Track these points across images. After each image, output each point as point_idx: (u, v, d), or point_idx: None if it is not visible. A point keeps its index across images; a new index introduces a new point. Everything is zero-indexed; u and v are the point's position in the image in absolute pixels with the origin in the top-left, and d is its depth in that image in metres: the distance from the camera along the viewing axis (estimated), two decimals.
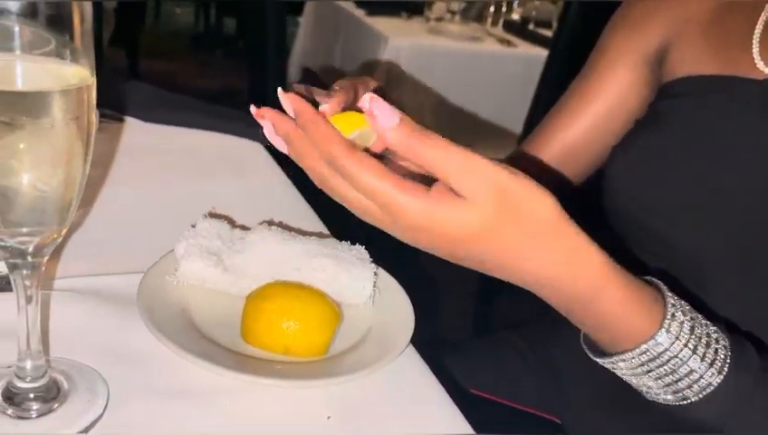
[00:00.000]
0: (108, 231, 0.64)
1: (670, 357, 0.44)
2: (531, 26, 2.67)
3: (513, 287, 0.43)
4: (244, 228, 0.62)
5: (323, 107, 0.50)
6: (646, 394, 0.48)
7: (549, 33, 2.50)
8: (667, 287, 0.46)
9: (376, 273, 0.58)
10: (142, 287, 0.53)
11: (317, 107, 0.45)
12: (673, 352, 0.44)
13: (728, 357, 0.45)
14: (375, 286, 0.57)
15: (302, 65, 3.19)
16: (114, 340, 0.50)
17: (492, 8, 2.60)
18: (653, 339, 0.44)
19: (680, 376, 0.45)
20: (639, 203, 0.63)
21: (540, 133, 0.77)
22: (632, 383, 0.48)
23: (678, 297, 0.46)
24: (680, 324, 0.44)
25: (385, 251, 0.59)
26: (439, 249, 0.41)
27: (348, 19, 2.66)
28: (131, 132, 0.88)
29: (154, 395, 0.46)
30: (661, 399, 0.47)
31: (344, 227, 0.62)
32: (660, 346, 0.44)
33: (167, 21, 5.19)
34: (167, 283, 0.55)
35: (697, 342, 0.44)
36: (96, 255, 0.60)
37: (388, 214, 0.39)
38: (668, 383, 0.45)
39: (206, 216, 0.61)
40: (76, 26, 0.37)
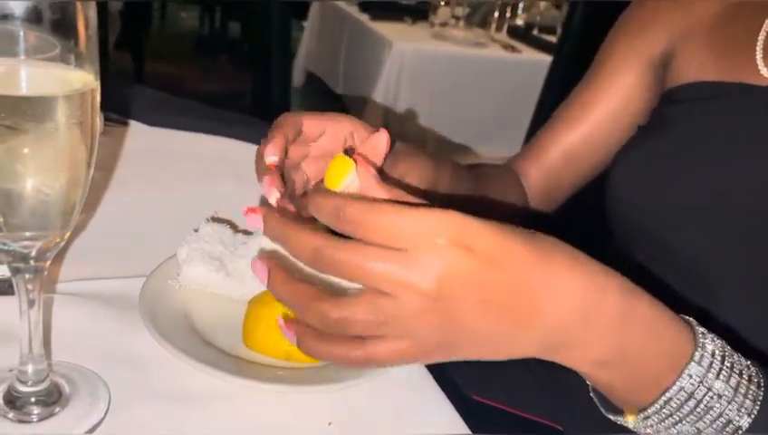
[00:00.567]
0: (111, 235, 0.65)
1: (704, 393, 0.39)
2: (535, 32, 2.67)
3: None
4: (247, 233, 0.62)
5: (269, 159, 0.51)
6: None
7: (553, 38, 2.50)
8: (695, 322, 0.42)
9: None
10: (144, 291, 0.53)
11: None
12: (706, 386, 0.39)
13: (758, 397, 0.40)
14: None
15: (306, 69, 3.20)
16: (116, 344, 0.50)
17: (496, 14, 2.61)
18: (687, 368, 0.39)
19: (714, 417, 0.40)
20: (642, 208, 0.63)
21: (542, 137, 0.77)
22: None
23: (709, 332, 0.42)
24: (711, 355, 0.40)
25: None
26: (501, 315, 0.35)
27: (352, 24, 2.67)
28: (135, 136, 0.88)
29: (155, 399, 0.45)
30: None
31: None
32: (694, 379, 0.39)
33: (172, 24, 5.22)
34: (169, 287, 0.55)
35: (729, 374, 0.40)
36: (99, 258, 0.60)
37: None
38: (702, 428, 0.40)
39: (208, 220, 0.61)
40: (80, 31, 0.37)
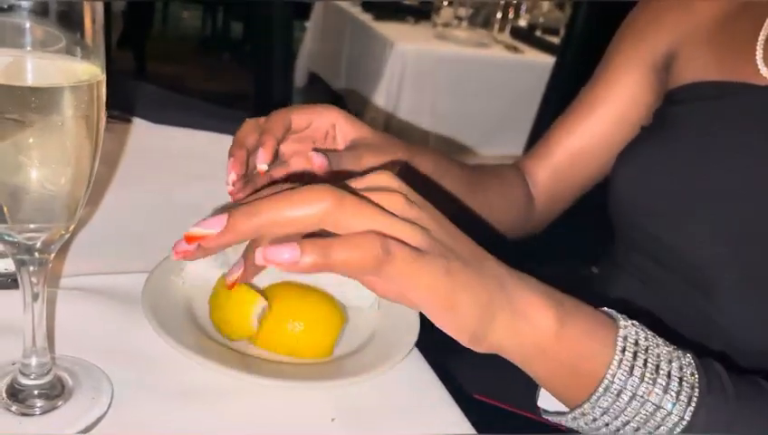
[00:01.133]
0: (114, 231, 0.64)
1: (630, 397, 0.40)
2: (538, 33, 2.67)
3: None
4: None
5: (260, 166, 0.52)
6: None
7: (556, 39, 2.50)
8: (621, 316, 0.42)
9: None
10: (147, 287, 0.53)
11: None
12: (631, 391, 0.40)
13: (695, 387, 0.41)
14: None
15: (309, 69, 3.20)
16: (119, 339, 0.50)
17: (499, 14, 2.61)
18: (605, 378, 0.40)
19: (647, 415, 0.40)
20: (645, 208, 0.63)
21: (548, 138, 0.77)
22: (604, 434, 0.42)
23: (634, 323, 0.42)
24: (633, 356, 0.40)
25: None
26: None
27: (354, 24, 2.67)
28: (139, 133, 0.88)
29: (158, 394, 0.45)
30: None
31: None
32: (615, 386, 0.40)
33: (174, 25, 5.22)
34: (172, 283, 0.55)
35: (655, 373, 0.40)
36: (102, 254, 0.60)
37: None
38: (637, 428, 0.41)
39: None
40: (87, 24, 0.37)
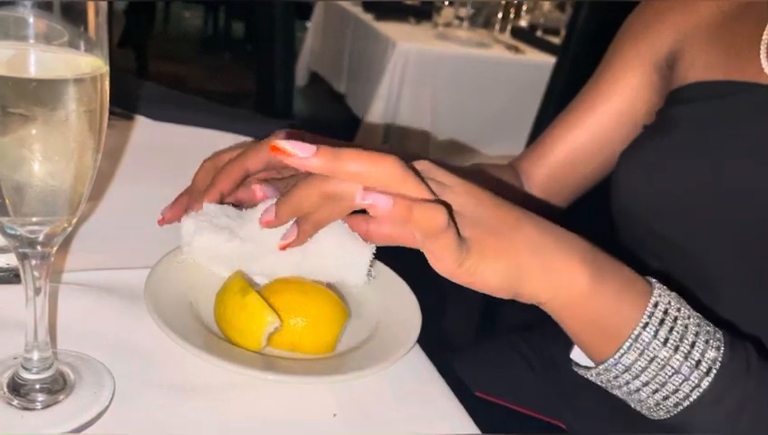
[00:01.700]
0: (116, 226, 0.64)
1: (651, 358, 0.43)
2: (539, 33, 2.67)
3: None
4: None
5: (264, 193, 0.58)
6: (646, 411, 0.47)
7: (557, 40, 2.50)
8: (660, 285, 0.45)
9: (374, 254, 0.55)
10: (149, 282, 0.53)
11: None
12: (651, 354, 0.43)
13: (717, 360, 0.44)
14: (372, 266, 0.55)
15: (310, 69, 3.20)
16: (121, 334, 0.50)
17: (500, 15, 2.61)
18: (629, 340, 0.43)
19: (665, 378, 0.44)
20: (648, 206, 0.63)
21: (546, 137, 0.78)
22: (625, 397, 0.47)
23: (672, 294, 0.45)
24: (659, 322, 0.43)
25: (392, 253, 0.59)
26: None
27: (356, 23, 2.67)
28: (141, 130, 0.88)
29: (159, 389, 0.45)
30: (662, 413, 0.46)
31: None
32: (638, 345, 0.43)
33: (176, 24, 5.23)
34: (174, 277, 0.55)
35: (678, 341, 0.43)
36: (104, 250, 0.60)
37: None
38: (656, 389, 0.44)
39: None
40: (90, 17, 0.37)
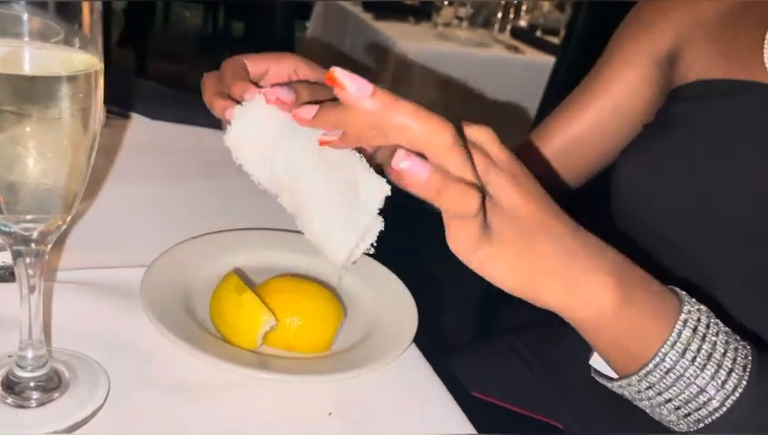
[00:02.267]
0: (111, 225, 0.64)
1: (678, 376, 0.42)
2: (538, 33, 2.67)
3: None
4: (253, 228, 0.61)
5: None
6: (666, 423, 0.46)
7: (556, 40, 2.50)
8: (689, 300, 0.44)
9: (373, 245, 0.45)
10: (145, 281, 0.52)
11: None
12: (679, 371, 0.42)
13: (744, 378, 0.42)
14: (360, 244, 0.44)
15: None
16: (116, 332, 0.50)
17: (499, 15, 2.61)
18: (663, 348, 0.42)
19: (690, 396, 0.42)
20: (648, 205, 0.63)
21: (546, 124, 0.78)
22: (647, 410, 0.46)
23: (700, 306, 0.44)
24: (687, 341, 0.42)
25: (389, 252, 0.59)
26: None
27: (355, 23, 2.66)
28: (137, 129, 0.88)
29: (154, 388, 0.45)
30: (683, 427, 0.45)
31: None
32: (665, 364, 0.42)
33: (175, 23, 5.22)
34: (170, 277, 0.55)
35: (706, 359, 0.42)
36: (99, 248, 0.60)
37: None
38: (678, 406, 0.43)
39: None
40: (85, 15, 0.37)
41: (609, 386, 0.46)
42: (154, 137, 0.87)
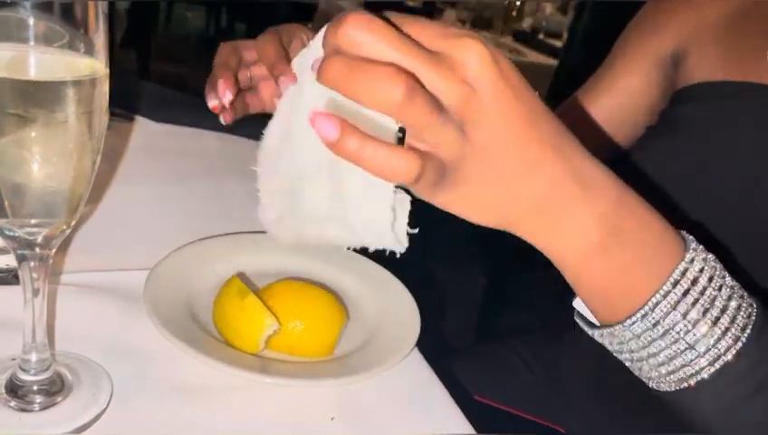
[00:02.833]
0: (116, 228, 0.64)
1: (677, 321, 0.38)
2: (540, 36, 2.67)
3: (518, 296, 0.40)
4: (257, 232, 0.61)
5: (225, 99, 0.52)
6: (645, 380, 0.42)
7: (559, 43, 2.50)
8: (695, 247, 0.40)
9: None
10: (148, 284, 0.53)
11: None
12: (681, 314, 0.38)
13: (741, 338, 0.39)
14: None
15: None
16: (119, 336, 0.50)
17: (502, 17, 2.61)
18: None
19: (675, 353, 0.39)
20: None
21: None
22: (626, 364, 0.42)
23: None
24: (683, 293, 0.38)
25: (391, 256, 0.59)
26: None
27: None
28: (141, 132, 0.88)
29: (157, 391, 0.45)
30: (663, 386, 0.41)
31: None
32: (653, 315, 0.38)
33: (178, 24, 5.22)
34: (173, 280, 0.55)
35: (701, 315, 0.38)
36: (103, 251, 0.60)
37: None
38: (661, 362, 0.39)
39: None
40: (91, 20, 0.37)
41: (590, 333, 0.42)
42: (158, 139, 0.87)
